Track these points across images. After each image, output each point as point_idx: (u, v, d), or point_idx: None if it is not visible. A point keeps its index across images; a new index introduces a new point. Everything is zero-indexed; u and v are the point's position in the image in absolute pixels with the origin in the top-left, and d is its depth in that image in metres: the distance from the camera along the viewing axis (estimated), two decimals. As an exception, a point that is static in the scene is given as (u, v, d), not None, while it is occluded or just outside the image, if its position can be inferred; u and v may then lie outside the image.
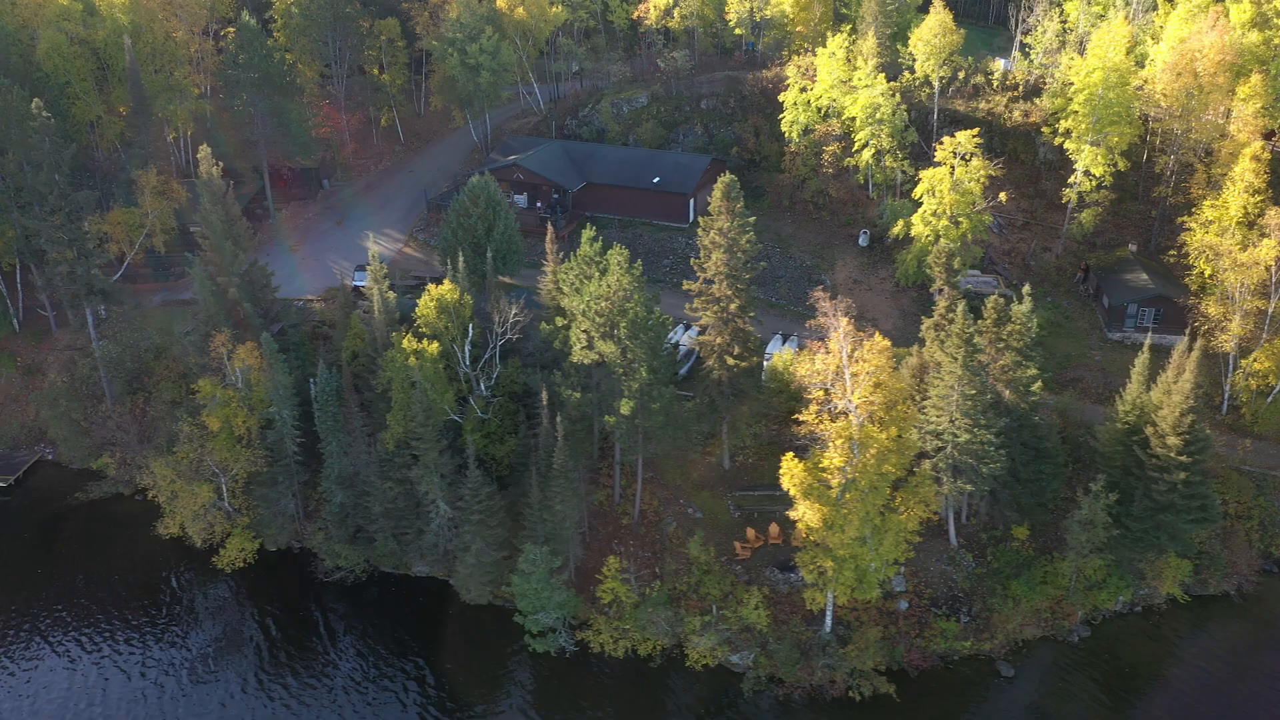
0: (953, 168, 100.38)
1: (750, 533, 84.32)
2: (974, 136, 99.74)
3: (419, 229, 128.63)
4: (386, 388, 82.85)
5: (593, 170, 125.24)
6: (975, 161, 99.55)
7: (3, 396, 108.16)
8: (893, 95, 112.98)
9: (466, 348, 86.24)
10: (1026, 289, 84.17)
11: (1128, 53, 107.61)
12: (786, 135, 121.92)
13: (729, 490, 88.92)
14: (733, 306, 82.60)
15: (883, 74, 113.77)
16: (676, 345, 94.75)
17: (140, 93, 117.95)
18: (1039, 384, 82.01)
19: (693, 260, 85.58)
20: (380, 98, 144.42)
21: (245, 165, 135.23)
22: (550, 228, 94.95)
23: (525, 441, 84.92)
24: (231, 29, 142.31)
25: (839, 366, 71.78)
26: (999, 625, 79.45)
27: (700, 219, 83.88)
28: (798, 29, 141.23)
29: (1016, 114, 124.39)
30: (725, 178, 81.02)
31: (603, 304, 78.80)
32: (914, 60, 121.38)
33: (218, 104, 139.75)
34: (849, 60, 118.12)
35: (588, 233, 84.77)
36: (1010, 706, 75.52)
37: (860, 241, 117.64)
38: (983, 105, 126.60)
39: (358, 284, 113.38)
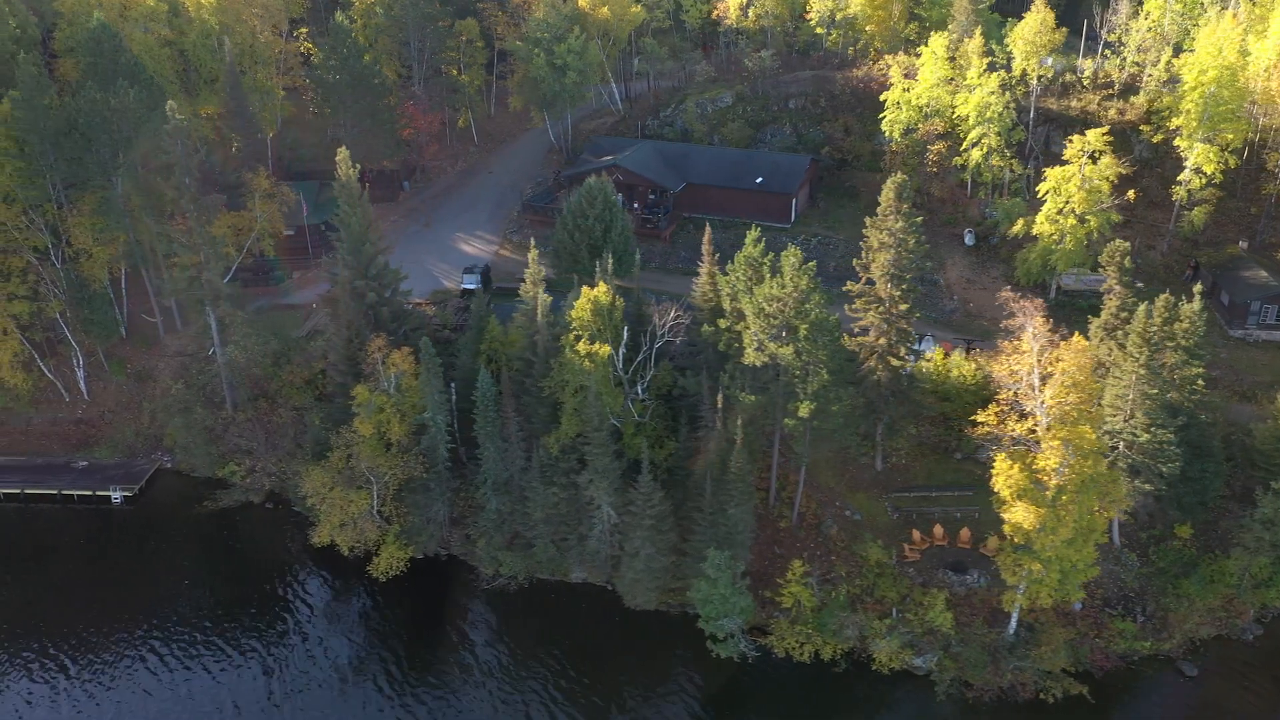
0: (1081, 166, 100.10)
1: (915, 534, 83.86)
2: (1104, 135, 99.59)
3: (512, 230, 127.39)
4: (553, 391, 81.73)
5: (690, 170, 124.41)
6: (1105, 159, 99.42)
7: (114, 403, 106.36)
8: (1003, 94, 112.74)
9: (621, 350, 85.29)
10: (1198, 287, 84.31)
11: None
12: (887, 134, 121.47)
13: (884, 492, 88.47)
14: (901, 307, 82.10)
15: (995, 73, 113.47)
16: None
17: (239, 94, 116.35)
18: (1202, 383, 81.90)
19: (855, 261, 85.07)
20: (458, 98, 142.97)
21: (325, 168, 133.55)
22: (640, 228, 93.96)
23: (686, 444, 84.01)
24: (304, 29, 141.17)
25: (1031, 367, 71.45)
26: (1176, 625, 79.37)
27: (867, 220, 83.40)
28: (868, 27, 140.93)
29: (1111, 112, 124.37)
30: (897, 177, 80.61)
31: (776, 305, 77.97)
32: (1007, 58, 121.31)
33: (299, 105, 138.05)
34: (952, 59, 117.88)
35: (752, 234, 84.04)
36: (1197, 706, 75.47)
37: (966, 241, 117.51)
38: (1074, 104, 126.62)
39: (466, 286, 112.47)
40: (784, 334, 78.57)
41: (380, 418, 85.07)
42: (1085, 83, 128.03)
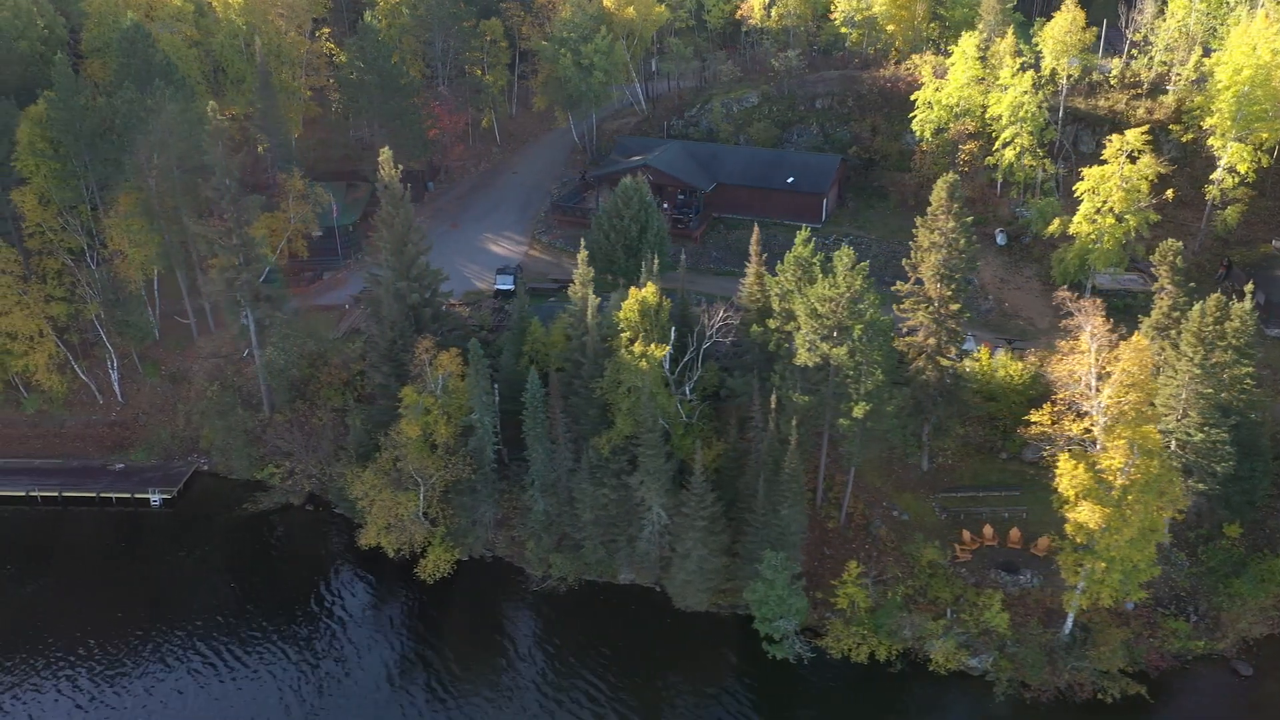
0: (1120, 165, 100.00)
1: (966, 534, 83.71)
2: (1143, 134, 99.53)
3: (541, 231, 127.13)
4: (605, 392, 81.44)
5: (720, 171, 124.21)
6: (1144, 159, 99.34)
7: (148, 406, 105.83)
8: (1036, 93, 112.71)
9: (668, 351, 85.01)
10: (1250, 286, 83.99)
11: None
12: (917, 134, 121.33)
13: (931, 492, 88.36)
14: (953, 307, 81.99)
15: (1028, 73, 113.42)
16: None
17: (270, 94, 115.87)
18: (1251, 381, 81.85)
19: (904, 261, 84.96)
20: (482, 99, 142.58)
21: (346, 168, 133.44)
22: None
23: (736, 445, 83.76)
24: (326, 29, 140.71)
25: (1089, 367, 71.37)
26: (1229, 624, 79.40)
27: (917, 219, 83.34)
28: (889, 27, 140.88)
29: (1140, 111, 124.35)
30: (949, 177, 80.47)
31: (829, 305, 77.77)
32: (1035, 58, 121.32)
33: (322, 106, 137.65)
34: (983, 59, 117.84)
35: (801, 234, 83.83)
36: (1254, 705, 75.44)
37: (998, 240, 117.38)
38: (1102, 103, 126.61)
39: (500, 287, 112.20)
40: (835, 334, 78.32)
41: (427, 419, 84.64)
42: (1112, 82, 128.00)
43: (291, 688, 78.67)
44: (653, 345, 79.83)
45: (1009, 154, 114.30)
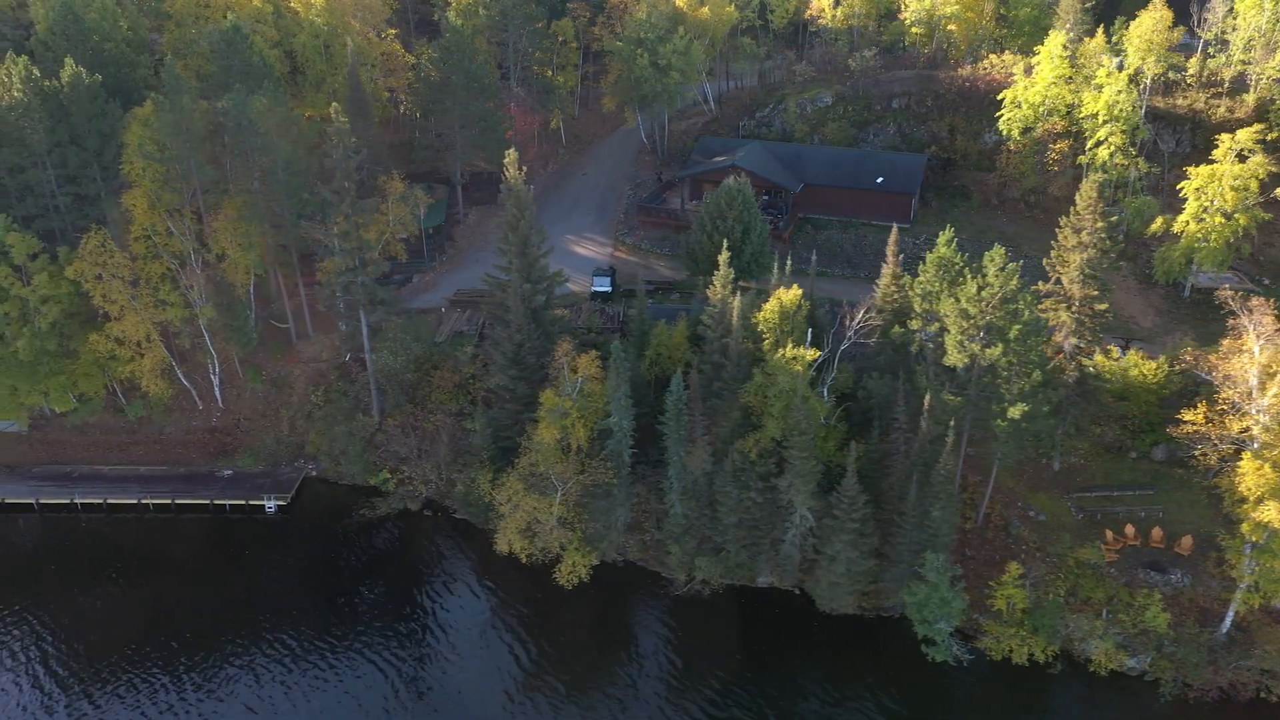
0: (1230, 164, 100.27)
1: (1109, 534, 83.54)
2: (1255, 133, 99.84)
3: (623, 232, 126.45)
4: (755, 394, 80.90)
5: (805, 171, 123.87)
6: (1256, 158, 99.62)
7: (249, 411, 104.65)
8: (1131, 91, 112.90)
9: (821, 355, 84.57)
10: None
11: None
12: (1004, 133, 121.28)
13: (1064, 492, 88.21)
14: (1099, 307, 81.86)
15: (1124, 71, 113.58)
16: None
17: (360, 96, 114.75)
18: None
19: (1045, 261, 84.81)
20: (551, 99, 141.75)
21: (423, 170, 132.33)
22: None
23: (878, 447, 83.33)
24: (393, 30, 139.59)
25: (1251, 366, 71.35)
26: (1388, 621, 79.43)
27: (1062, 220, 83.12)
28: (950, 27, 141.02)
29: (1220, 110, 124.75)
30: (1095, 176, 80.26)
31: (981, 306, 77.42)
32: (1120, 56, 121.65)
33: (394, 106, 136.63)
34: (1071, 58, 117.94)
35: (945, 235, 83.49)
36: None
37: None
38: (1180, 102, 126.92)
39: (597, 289, 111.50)
40: (983, 335, 77.98)
41: (565, 423, 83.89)
42: (1189, 80, 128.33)
43: (431, 691, 78.12)
44: (801, 348, 79.32)
45: (1103, 153, 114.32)
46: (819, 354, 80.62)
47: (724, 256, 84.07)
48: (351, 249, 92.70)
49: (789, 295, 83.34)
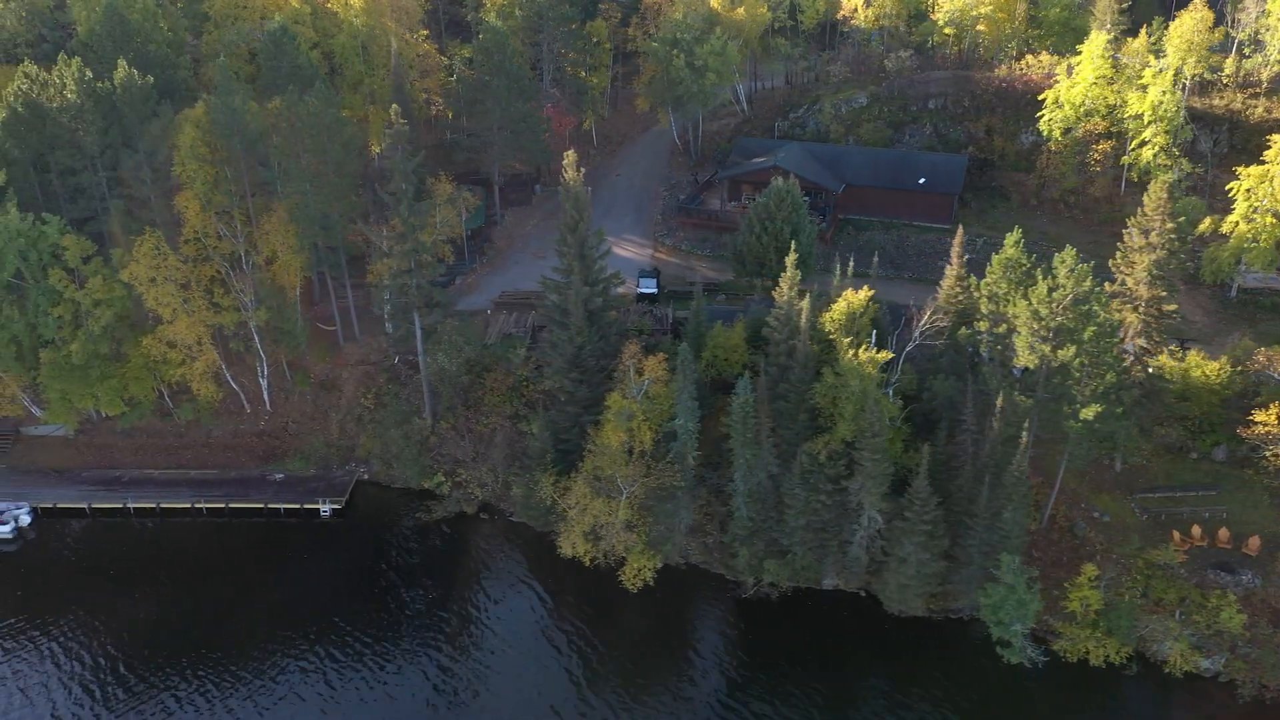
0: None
1: (1175, 535, 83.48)
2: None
3: (663, 233, 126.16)
4: (825, 395, 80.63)
5: (845, 171, 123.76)
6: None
7: (298, 414, 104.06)
8: (1175, 92, 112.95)
9: (891, 356, 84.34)
10: None
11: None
12: (1045, 133, 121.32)
13: (1127, 493, 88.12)
14: (1167, 308, 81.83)
15: (1167, 72, 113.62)
16: None
17: (404, 97, 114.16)
18: None
19: (1110, 262, 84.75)
20: (584, 100, 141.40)
21: (461, 171, 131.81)
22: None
23: (946, 448, 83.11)
24: (424, 30, 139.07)
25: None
26: None
27: (1130, 220, 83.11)
28: (979, 27, 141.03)
29: (1258, 110, 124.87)
30: (1166, 176, 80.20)
31: (1052, 307, 77.24)
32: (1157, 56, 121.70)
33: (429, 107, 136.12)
34: (1114, 58, 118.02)
35: (1012, 235, 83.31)
36: None
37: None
38: (1218, 102, 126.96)
39: (643, 290, 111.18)
40: (1054, 335, 77.84)
41: (630, 425, 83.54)
42: (1225, 81, 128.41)
43: (504, 695, 77.79)
44: (874, 350, 79.13)
45: (1146, 153, 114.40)
46: (890, 355, 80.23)
47: (791, 258, 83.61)
48: (408, 251, 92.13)
49: (857, 297, 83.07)
